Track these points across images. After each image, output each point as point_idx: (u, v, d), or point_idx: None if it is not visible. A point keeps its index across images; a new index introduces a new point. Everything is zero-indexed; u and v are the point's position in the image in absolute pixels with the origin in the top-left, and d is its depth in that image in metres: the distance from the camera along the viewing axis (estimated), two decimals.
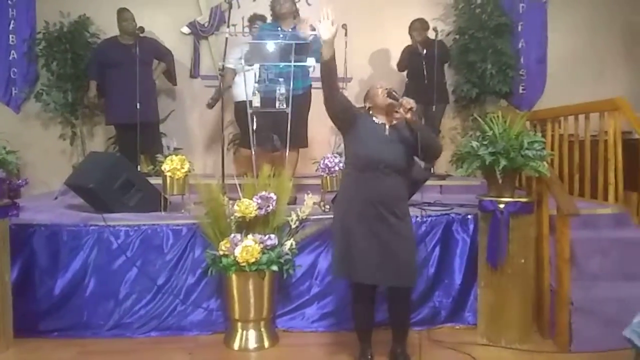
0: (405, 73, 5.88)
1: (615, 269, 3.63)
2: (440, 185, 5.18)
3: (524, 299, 3.36)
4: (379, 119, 2.87)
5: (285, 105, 4.02)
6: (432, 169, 5.38)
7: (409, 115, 2.73)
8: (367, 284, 2.84)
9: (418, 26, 5.73)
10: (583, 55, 6.55)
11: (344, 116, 2.83)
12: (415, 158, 2.92)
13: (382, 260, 2.75)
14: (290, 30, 4.27)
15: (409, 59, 5.75)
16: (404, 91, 5.53)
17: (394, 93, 2.82)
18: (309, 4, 6.21)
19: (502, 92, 6.04)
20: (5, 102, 6.02)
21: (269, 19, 4.73)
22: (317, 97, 3.90)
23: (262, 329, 3.30)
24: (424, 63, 5.48)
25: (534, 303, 3.48)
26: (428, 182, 4.49)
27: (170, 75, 5.79)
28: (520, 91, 6.43)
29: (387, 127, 2.85)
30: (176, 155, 3.89)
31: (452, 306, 3.68)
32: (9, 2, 5.96)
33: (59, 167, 5.79)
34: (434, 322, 3.63)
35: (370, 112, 2.91)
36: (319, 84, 2.83)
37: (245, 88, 4.27)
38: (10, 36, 5.97)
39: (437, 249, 3.72)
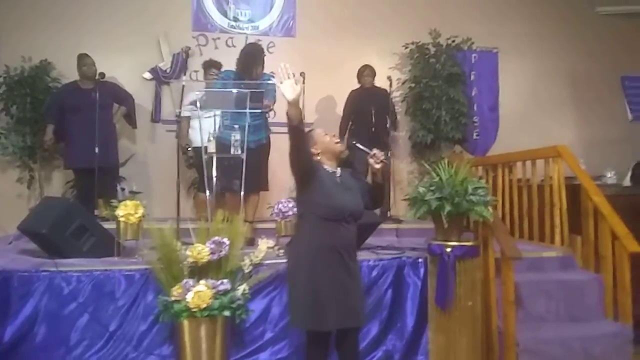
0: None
1: (561, 310, 3.75)
2: (397, 229, 5.27)
3: (473, 341, 3.41)
4: (329, 166, 2.94)
5: (240, 151, 4.11)
6: (388, 212, 5.50)
7: (378, 166, 2.87)
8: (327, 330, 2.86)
9: (366, 72, 5.90)
10: (533, 102, 6.89)
11: (308, 172, 2.84)
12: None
13: (344, 304, 2.81)
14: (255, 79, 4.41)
15: (355, 104, 5.86)
16: (348, 136, 5.72)
17: (357, 145, 2.96)
18: (269, 52, 6.37)
19: (455, 138, 6.26)
20: None
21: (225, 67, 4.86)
22: (277, 143, 3.95)
23: None
24: (372, 109, 5.65)
25: (483, 345, 3.55)
26: (384, 225, 4.60)
27: (130, 118, 5.84)
28: (475, 137, 6.64)
29: (337, 174, 2.94)
30: (131, 199, 3.89)
31: (405, 349, 3.71)
32: None
33: (15, 211, 5.63)
34: None
35: (319, 159, 2.94)
36: (276, 129, 2.88)
37: (201, 134, 4.35)
38: None
39: (390, 293, 3.77)
